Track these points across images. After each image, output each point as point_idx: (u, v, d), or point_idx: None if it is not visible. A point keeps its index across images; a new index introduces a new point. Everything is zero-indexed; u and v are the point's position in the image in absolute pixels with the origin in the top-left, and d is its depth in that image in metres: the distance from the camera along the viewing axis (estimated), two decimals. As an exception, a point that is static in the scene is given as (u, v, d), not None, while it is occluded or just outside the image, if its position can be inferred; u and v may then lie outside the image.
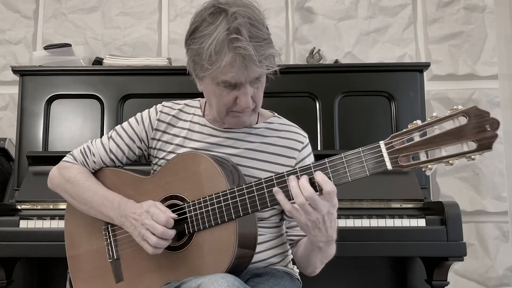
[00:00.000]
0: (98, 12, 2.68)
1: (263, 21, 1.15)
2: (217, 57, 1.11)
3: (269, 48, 1.14)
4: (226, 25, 1.11)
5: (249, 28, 1.11)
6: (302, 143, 1.34)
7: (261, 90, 1.23)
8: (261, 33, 1.13)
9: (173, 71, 2.21)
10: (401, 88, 2.16)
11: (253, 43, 1.10)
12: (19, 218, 1.85)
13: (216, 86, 1.18)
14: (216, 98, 1.22)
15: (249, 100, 1.19)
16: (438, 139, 0.98)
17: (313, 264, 1.25)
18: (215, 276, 1.01)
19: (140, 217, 1.17)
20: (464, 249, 1.76)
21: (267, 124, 1.35)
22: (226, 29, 1.10)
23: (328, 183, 1.05)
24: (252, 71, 1.13)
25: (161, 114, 1.36)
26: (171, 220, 1.14)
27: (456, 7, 2.60)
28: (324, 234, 1.10)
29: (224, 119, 1.27)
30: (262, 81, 1.20)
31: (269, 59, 1.14)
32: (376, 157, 1.03)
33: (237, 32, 1.10)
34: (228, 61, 1.10)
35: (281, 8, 2.64)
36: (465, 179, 2.49)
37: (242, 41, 1.09)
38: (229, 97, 1.19)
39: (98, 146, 1.37)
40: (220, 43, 1.10)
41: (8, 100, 2.62)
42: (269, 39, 1.15)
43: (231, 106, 1.21)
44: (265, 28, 1.16)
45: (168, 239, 1.15)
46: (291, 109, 2.08)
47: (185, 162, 1.22)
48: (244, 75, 1.14)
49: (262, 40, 1.12)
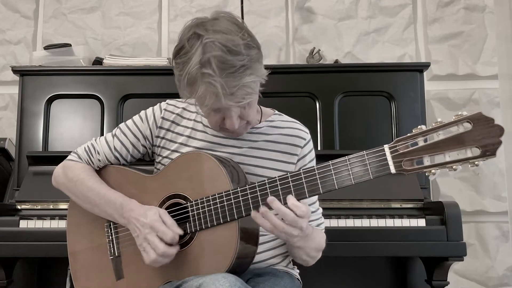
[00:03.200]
0: (98, 12, 2.68)
1: (241, 47, 1.10)
2: (191, 89, 1.14)
3: (244, 76, 1.10)
4: (199, 55, 1.10)
5: (222, 58, 1.08)
6: (304, 139, 1.35)
7: (250, 109, 1.21)
8: (236, 63, 1.09)
9: (173, 71, 2.21)
10: (401, 88, 2.16)
11: (224, 75, 1.08)
12: (19, 218, 1.85)
13: (203, 107, 1.19)
14: (206, 116, 1.25)
15: (234, 122, 1.19)
16: (442, 144, 0.98)
17: (299, 257, 1.28)
18: (216, 276, 1.01)
19: (143, 228, 1.16)
20: (464, 249, 1.76)
21: (269, 122, 1.36)
22: (198, 62, 1.10)
23: (298, 207, 1.07)
24: (227, 104, 1.12)
25: (166, 112, 1.36)
26: (177, 236, 1.15)
27: (456, 7, 2.60)
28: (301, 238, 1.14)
29: (220, 132, 1.29)
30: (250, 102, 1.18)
31: (245, 88, 1.12)
32: (380, 160, 1.03)
33: (208, 66, 1.09)
34: (201, 94, 1.12)
35: (281, 8, 2.64)
36: (465, 179, 2.49)
37: (212, 76, 1.08)
38: (216, 118, 1.21)
39: (102, 144, 1.37)
40: (193, 76, 1.12)
41: (8, 100, 2.62)
42: (248, 65, 1.10)
43: (221, 124, 1.22)
44: (245, 51, 1.10)
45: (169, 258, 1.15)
46: (291, 109, 2.06)
47: (189, 162, 1.22)
48: (221, 104, 1.13)
49: (236, 70, 1.09)
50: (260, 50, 1.18)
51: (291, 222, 1.07)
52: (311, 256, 1.27)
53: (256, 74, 1.13)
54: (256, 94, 1.19)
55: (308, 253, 1.26)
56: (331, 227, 1.78)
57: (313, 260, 1.29)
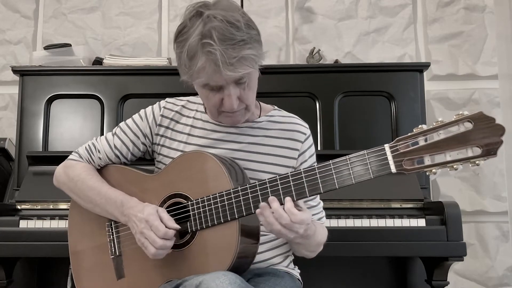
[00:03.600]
0: (98, 12, 2.68)
1: (242, 23, 1.12)
2: (191, 62, 1.14)
3: (243, 49, 1.11)
4: (200, 28, 1.11)
5: (222, 30, 1.09)
6: (305, 134, 1.36)
7: (249, 90, 1.21)
8: (236, 35, 1.10)
9: (173, 71, 2.18)
10: (401, 88, 2.16)
11: (224, 45, 1.09)
12: (19, 218, 1.85)
13: (202, 88, 1.20)
14: (205, 100, 1.25)
15: (233, 102, 1.19)
16: (443, 143, 0.98)
17: (299, 252, 1.31)
18: (217, 274, 1.02)
19: (140, 223, 1.17)
20: (464, 249, 1.76)
21: (268, 117, 1.36)
22: (199, 33, 1.11)
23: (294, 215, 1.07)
24: (226, 74, 1.12)
25: (165, 110, 1.37)
26: (170, 232, 1.15)
27: (456, 7, 2.60)
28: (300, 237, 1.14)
29: (219, 118, 1.29)
30: (248, 82, 1.19)
31: (244, 61, 1.12)
32: (380, 160, 1.03)
33: (209, 36, 1.09)
34: (200, 65, 1.12)
35: (281, 8, 2.64)
36: (465, 179, 2.49)
37: (212, 45, 1.09)
38: (215, 99, 1.20)
39: (103, 142, 1.38)
40: (194, 48, 1.12)
41: (8, 100, 2.62)
42: (248, 40, 1.12)
43: (219, 106, 1.22)
44: (245, 29, 1.12)
45: (168, 249, 1.16)
46: (291, 109, 2.06)
47: (190, 161, 1.23)
48: (220, 78, 1.14)
49: (236, 42, 1.10)
50: (259, 34, 1.19)
51: (286, 226, 1.07)
52: (311, 251, 1.29)
53: (255, 50, 1.14)
54: (256, 71, 1.19)
55: (308, 248, 1.28)
56: (331, 227, 1.77)
57: (313, 253, 1.31)
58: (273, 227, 1.08)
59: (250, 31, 1.14)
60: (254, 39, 1.15)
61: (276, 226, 1.07)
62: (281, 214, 1.07)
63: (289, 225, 1.07)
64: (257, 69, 1.19)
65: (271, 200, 1.09)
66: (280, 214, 1.07)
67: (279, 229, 1.08)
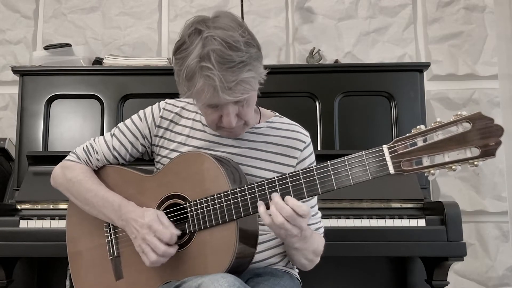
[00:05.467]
0: (98, 12, 2.68)
1: (241, 43, 1.10)
2: (189, 84, 1.13)
3: (242, 72, 1.10)
4: (199, 50, 1.10)
5: (221, 53, 1.08)
6: (304, 142, 1.35)
7: (248, 107, 1.21)
8: (235, 58, 1.09)
9: (173, 71, 2.21)
10: (401, 88, 2.16)
11: (223, 69, 1.08)
12: (19, 218, 1.85)
13: (201, 103, 1.19)
14: (204, 115, 1.25)
15: (231, 120, 1.18)
16: (442, 144, 0.97)
17: (297, 261, 1.28)
18: (216, 276, 1.01)
19: (141, 229, 1.17)
20: (464, 249, 1.76)
21: (269, 124, 1.36)
22: (198, 55, 1.10)
23: (300, 206, 1.06)
24: (224, 98, 1.11)
25: (164, 111, 1.36)
26: (174, 237, 1.15)
27: (456, 7, 2.60)
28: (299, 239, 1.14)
29: (217, 131, 1.29)
30: (248, 99, 1.18)
31: (243, 83, 1.12)
32: (378, 161, 1.03)
33: (207, 59, 1.09)
34: (199, 87, 1.12)
35: (281, 8, 2.64)
36: (465, 179, 2.49)
37: (211, 69, 1.08)
38: (213, 116, 1.20)
39: (101, 143, 1.37)
40: (192, 70, 1.11)
41: (8, 100, 2.62)
42: (247, 61, 1.11)
43: (218, 122, 1.22)
44: (244, 49, 1.11)
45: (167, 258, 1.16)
46: (291, 109, 2.08)
47: (188, 162, 1.22)
48: (218, 100, 1.13)
49: (235, 65, 1.09)
50: (259, 50, 1.18)
51: (290, 219, 1.07)
52: (309, 259, 1.27)
53: (255, 71, 1.13)
54: (255, 91, 1.19)
55: (306, 256, 1.26)
56: (331, 227, 1.78)
57: (311, 264, 1.29)
58: (276, 220, 1.07)
59: (250, 50, 1.13)
60: (253, 58, 1.13)
61: (279, 218, 1.06)
62: (283, 206, 1.07)
63: (292, 217, 1.06)
64: (256, 89, 1.18)
65: (273, 195, 1.09)
66: (282, 206, 1.06)
67: (281, 222, 1.06)
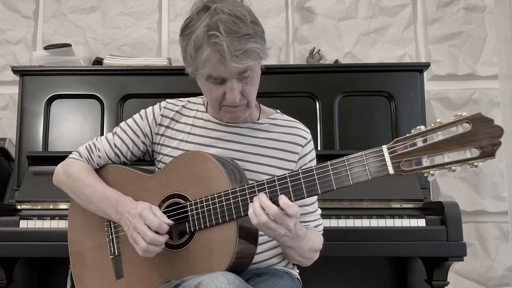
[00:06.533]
0: (98, 12, 2.68)
1: (248, 18, 1.15)
2: (197, 53, 1.15)
3: (248, 42, 1.13)
4: (207, 21, 1.13)
5: (228, 23, 1.11)
6: (306, 138, 1.36)
7: (251, 85, 1.22)
8: (242, 28, 1.12)
9: (173, 71, 2.22)
10: (401, 88, 2.16)
11: (230, 38, 1.11)
12: (19, 218, 1.85)
13: (205, 81, 1.21)
14: (208, 93, 1.25)
15: (235, 95, 1.19)
16: (441, 145, 0.97)
17: (292, 258, 1.28)
18: (215, 274, 1.02)
19: (133, 219, 1.18)
20: (464, 249, 1.76)
21: (270, 120, 1.37)
22: (206, 25, 1.13)
23: (291, 206, 1.06)
24: (231, 66, 1.13)
25: (165, 109, 1.38)
26: (164, 225, 1.15)
27: (456, 7, 2.60)
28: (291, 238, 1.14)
29: (219, 114, 1.29)
30: (251, 76, 1.20)
31: (249, 54, 1.14)
32: (378, 161, 1.03)
33: (215, 28, 1.11)
34: (206, 56, 1.13)
35: (281, 8, 2.64)
36: (465, 179, 2.49)
37: (218, 36, 1.10)
38: (218, 92, 1.21)
39: (103, 141, 1.39)
40: (200, 39, 1.13)
41: (8, 100, 2.62)
42: (253, 35, 1.15)
43: (221, 100, 1.23)
44: (251, 24, 1.15)
45: (159, 245, 1.16)
46: (291, 109, 2.07)
47: (188, 161, 1.23)
48: (224, 70, 1.15)
49: (242, 35, 1.12)
50: (263, 32, 1.21)
51: (276, 217, 1.07)
52: (305, 257, 1.27)
53: (260, 45, 1.16)
54: (259, 65, 1.21)
55: (301, 254, 1.25)
56: (331, 227, 1.78)
57: (308, 261, 1.29)
58: (260, 219, 1.07)
59: (255, 27, 1.17)
60: (258, 35, 1.17)
61: (262, 217, 1.06)
62: (269, 205, 1.07)
63: (278, 216, 1.06)
64: (260, 63, 1.21)
65: (260, 195, 1.09)
66: (268, 205, 1.07)
67: (265, 221, 1.06)
